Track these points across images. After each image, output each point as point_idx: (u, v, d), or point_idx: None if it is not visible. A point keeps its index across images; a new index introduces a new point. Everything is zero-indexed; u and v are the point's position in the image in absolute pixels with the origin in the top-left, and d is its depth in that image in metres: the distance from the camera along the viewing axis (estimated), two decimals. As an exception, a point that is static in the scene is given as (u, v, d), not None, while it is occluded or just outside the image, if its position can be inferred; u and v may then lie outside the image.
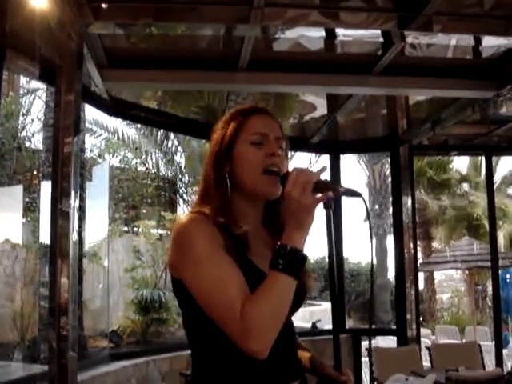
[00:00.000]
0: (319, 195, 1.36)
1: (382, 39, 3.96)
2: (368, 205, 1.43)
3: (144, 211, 11.89)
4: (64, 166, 3.31)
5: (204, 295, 1.38)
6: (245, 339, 1.31)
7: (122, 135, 11.72)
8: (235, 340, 1.33)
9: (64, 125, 3.36)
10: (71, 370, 3.22)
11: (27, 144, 8.62)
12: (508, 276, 11.99)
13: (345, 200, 6.82)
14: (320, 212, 1.41)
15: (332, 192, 1.36)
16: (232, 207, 1.50)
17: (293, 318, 1.55)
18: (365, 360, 6.42)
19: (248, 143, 1.52)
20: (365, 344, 6.50)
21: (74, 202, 3.32)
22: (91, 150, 10.24)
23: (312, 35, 3.92)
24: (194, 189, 11.33)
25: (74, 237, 3.35)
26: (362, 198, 1.39)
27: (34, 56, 3.65)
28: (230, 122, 1.56)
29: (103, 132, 11.48)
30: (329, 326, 7.04)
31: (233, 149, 1.53)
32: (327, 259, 1.51)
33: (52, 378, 3.19)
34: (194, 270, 1.39)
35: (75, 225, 3.37)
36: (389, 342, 7.81)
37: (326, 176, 1.41)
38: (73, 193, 3.32)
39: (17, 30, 3.38)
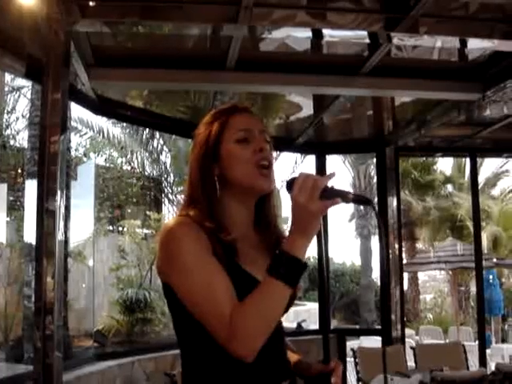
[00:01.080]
0: (327, 201, 1.30)
1: (368, 40, 3.97)
2: (377, 212, 1.35)
3: (129, 210, 11.85)
4: (50, 165, 3.28)
5: (192, 301, 1.37)
6: (232, 344, 1.30)
7: (108, 134, 11.67)
8: (223, 344, 1.32)
9: (50, 123, 3.34)
10: (56, 370, 3.20)
11: (12, 142, 8.55)
12: (491, 277, 12.08)
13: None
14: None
15: (341, 199, 1.30)
16: (222, 210, 1.48)
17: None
18: (349, 360, 6.44)
19: (234, 141, 1.50)
20: (350, 344, 6.52)
21: (60, 200, 3.30)
22: (76, 149, 10.19)
23: (299, 35, 3.92)
24: (179, 188, 11.31)
25: (60, 236, 3.33)
26: (373, 206, 1.34)
27: (20, 53, 3.62)
28: (212, 123, 1.54)
29: (88, 131, 11.42)
30: (313, 327, 7.06)
31: (219, 149, 1.51)
32: (311, 259, 1.48)
33: (37, 378, 3.16)
34: (181, 276, 1.38)
35: (61, 224, 3.35)
36: (373, 342, 7.85)
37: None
38: (59, 192, 3.30)
39: (3, 27, 3.35)
